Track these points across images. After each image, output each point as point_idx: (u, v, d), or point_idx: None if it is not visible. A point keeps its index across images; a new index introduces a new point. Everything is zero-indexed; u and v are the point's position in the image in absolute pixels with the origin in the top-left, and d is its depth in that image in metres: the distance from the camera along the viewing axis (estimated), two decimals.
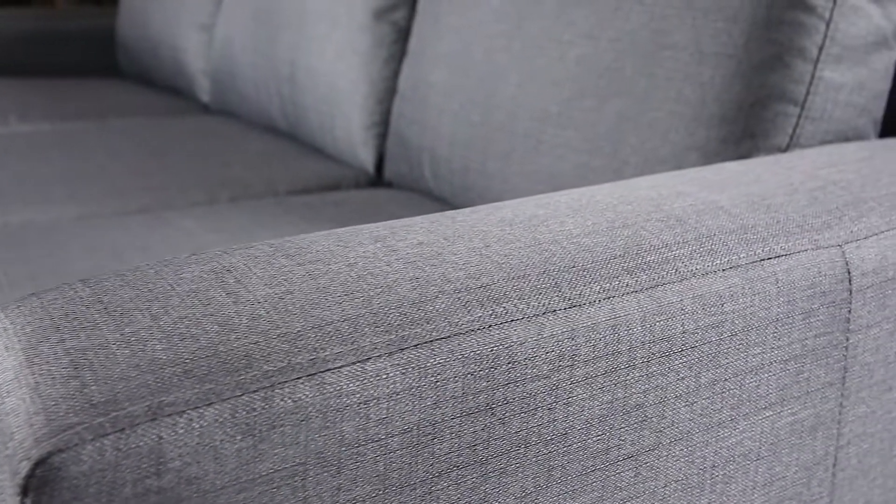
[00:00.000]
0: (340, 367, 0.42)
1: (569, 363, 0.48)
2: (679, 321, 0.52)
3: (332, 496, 0.42)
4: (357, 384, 0.42)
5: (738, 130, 0.81)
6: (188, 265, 0.49)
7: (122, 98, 1.84)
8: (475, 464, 0.46)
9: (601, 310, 0.49)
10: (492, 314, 0.47)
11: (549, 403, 0.48)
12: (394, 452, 0.44)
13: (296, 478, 0.41)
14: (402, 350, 0.44)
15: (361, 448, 0.43)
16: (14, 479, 0.37)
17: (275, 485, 0.41)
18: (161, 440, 0.38)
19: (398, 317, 0.45)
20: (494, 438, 0.47)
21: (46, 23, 2.17)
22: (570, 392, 0.48)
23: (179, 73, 1.82)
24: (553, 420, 0.48)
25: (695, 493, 0.56)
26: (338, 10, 1.33)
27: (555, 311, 0.48)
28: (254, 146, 1.45)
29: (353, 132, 1.32)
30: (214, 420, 0.39)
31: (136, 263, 0.92)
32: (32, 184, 1.21)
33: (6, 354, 0.42)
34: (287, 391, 0.41)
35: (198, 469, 0.39)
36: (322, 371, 0.42)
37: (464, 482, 0.46)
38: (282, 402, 0.41)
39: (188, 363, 0.41)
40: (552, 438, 0.49)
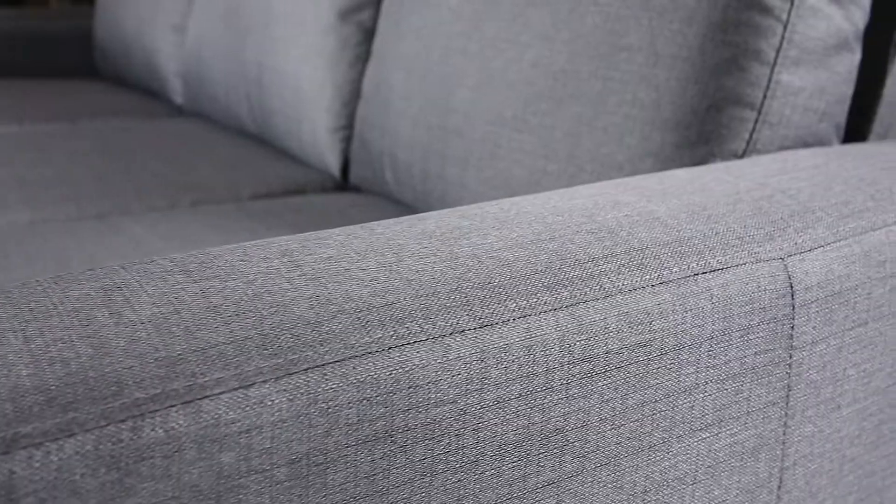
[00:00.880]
0: (220, 394, 0.40)
1: (478, 386, 0.45)
2: (602, 341, 0.49)
3: None
4: (238, 412, 0.40)
5: (693, 135, 0.79)
6: (79, 282, 0.46)
7: (96, 100, 1.81)
8: (374, 494, 0.43)
9: (515, 329, 0.47)
10: (393, 335, 0.44)
11: (457, 429, 0.45)
12: (280, 484, 0.41)
13: None
14: (291, 375, 0.41)
15: (243, 480, 0.40)
16: None
17: None
18: (13, 475, 0.35)
19: (290, 339, 0.42)
20: (396, 467, 0.44)
21: (25, 23, 2.15)
22: (480, 417, 0.46)
23: (153, 75, 1.79)
24: (462, 447, 0.45)
25: None
26: (303, 11, 1.30)
27: (463, 332, 0.45)
28: (221, 150, 1.42)
29: (319, 136, 1.29)
30: (75, 452, 0.37)
31: (78, 271, 0.89)
32: None
33: None
34: (158, 420, 0.38)
35: None
36: (199, 398, 0.39)
37: None
38: (152, 433, 0.38)
39: (53, 390, 0.38)
40: (461, 466, 0.46)
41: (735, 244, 0.56)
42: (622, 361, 0.50)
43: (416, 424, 0.44)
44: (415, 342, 0.44)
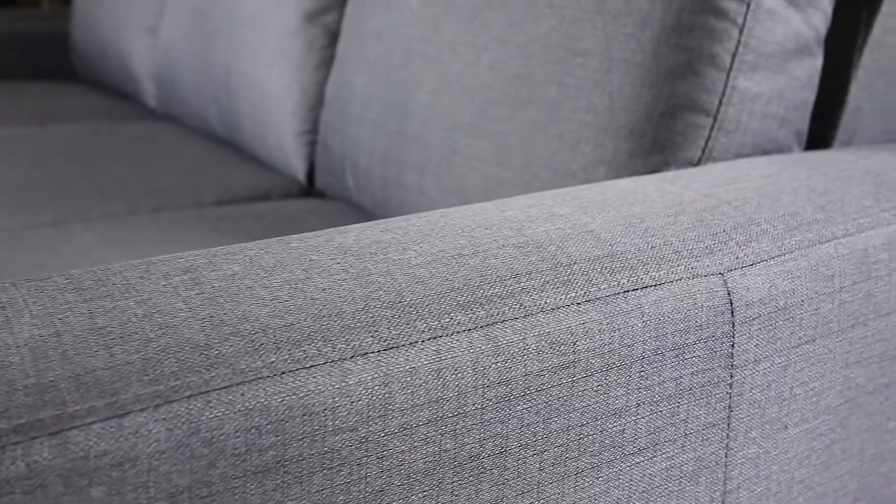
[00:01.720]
0: (91, 424, 0.37)
1: (381, 413, 0.43)
2: (520, 362, 0.47)
3: None
4: (110, 443, 0.37)
5: (647, 143, 0.76)
6: None
7: (69, 102, 1.79)
8: None
9: (423, 352, 0.44)
10: (287, 359, 0.41)
11: (358, 458, 0.43)
12: None
13: None
14: (171, 402, 0.39)
15: None
16: None
17: None
18: None
19: (174, 363, 0.40)
20: (290, 499, 0.41)
21: (2, 24, 2.13)
22: (385, 445, 0.43)
23: (127, 77, 1.77)
24: (364, 476, 0.43)
25: None
26: (269, 13, 1.28)
27: (366, 355, 0.43)
28: (188, 154, 1.40)
29: (285, 140, 1.27)
30: None
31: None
32: None
33: None
34: (20, 453, 0.36)
35: None
36: (67, 429, 0.37)
37: None
38: (12, 467, 0.35)
39: None
40: (365, 497, 0.43)
41: (671, 259, 0.54)
42: (543, 384, 0.47)
43: (313, 453, 0.41)
44: (311, 366, 0.42)
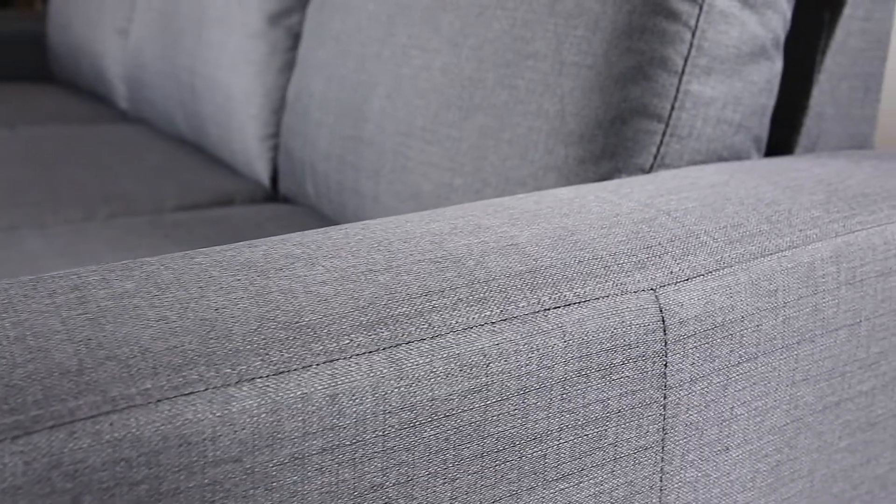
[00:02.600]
0: None
1: (268, 442, 0.40)
2: (427, 387, 0.44)
3: None
4: None
5: (598, 149, 0.73)
6: None
7: (41, 104, 1.76)
8: None
9: (317, 376, 0.42)
10: (165, 385, 0.39)
11: (244, 491, 0.40)
12: None
13: None
14: (30, 434, 0.36)
15: None
16: None
17: None
18: None
19: (39, 391, 0.37)
20: None
21: None
22: (274, 476, 0.41)
23: (100, 79, 1.75)
24: None
25: None
26: (233, 15, 1.25)
27: (252, 380, 0.40)
28: (154, 158, 1.37)
29: (249, 144, 1.24)
30: None
31: None
32: None
33: None
34: None
35: None
36: None
37: None
38: None
39: None
40: None
41: (599, 274, 0.51)
42: (452, 409, 0.45)
43: (191, 486, 0.39)
44: (191, 393, 0.39)
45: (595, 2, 0.74)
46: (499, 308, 0.47)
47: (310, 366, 0.42)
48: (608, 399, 0.50)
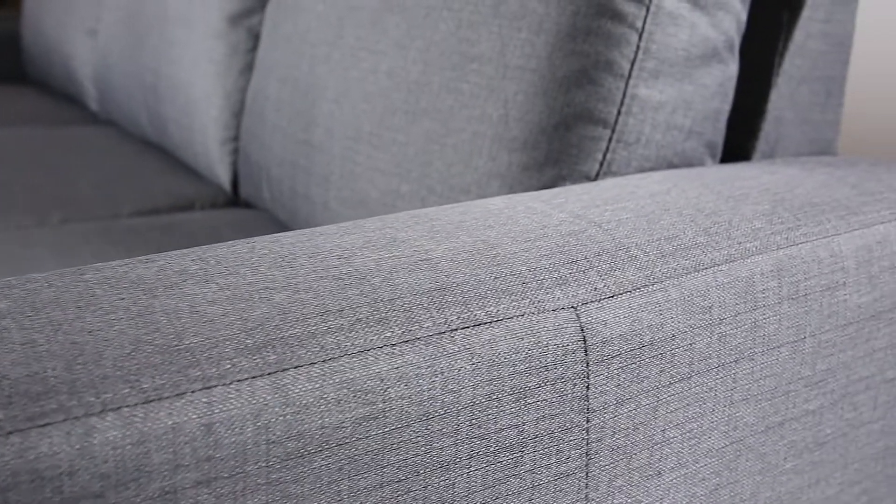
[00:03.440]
0: None
1: (133, 476, 0.37)
2: (316, 414, 0.41)
3: None
4: None
5: (541, 156, 0.71)
6: None
7: (12, 106, 1.74)
8: None
9: (191, 404, 0.39)
10: (18, 416, 0.36)
11: None
12: None
13: None
14: None
15: None
16: None
17: None
18: None
19: None
20: None
21: None
22: None
23: (70, 80, 1.72)
24: None
25: None
26: (194, 15, 1.23)
27: (119, 409, 0.38)
28: (118, 161, 1.34)
29: (210, 147, 1.21)
30: None
31: None
32: None
33: None
34: None
35: None
36: None
37: None
38: None
39: None
40: None
41: (515, 291, 0.48)
42: (345, 437, 0.42)
43: None
44: (46, 424, 0.36)
45: (539, 3, 0.71)
46: (401, 329, 0.45)
47: (184, 393, 0.39)
48: (523, 424, 0.48)
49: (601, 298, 0.50)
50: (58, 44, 1.74)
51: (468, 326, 0.46)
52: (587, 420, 0.50)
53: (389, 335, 0.44)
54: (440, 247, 0.51)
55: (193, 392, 0.39)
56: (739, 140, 0.81)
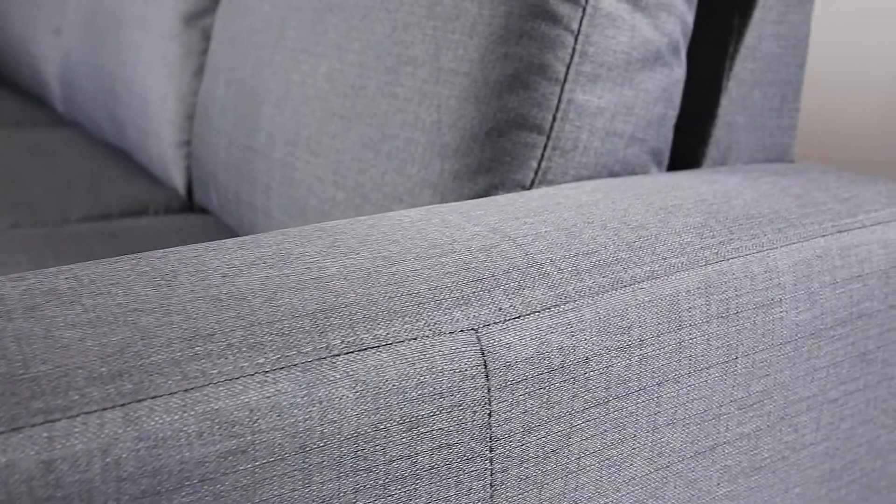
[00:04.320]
0: None
1: None
2: (174, 449, 0.38)
3: None
4: None
5: (474, 163, 0.68)
6: None
7: None
8: None
9: (29, 439, 0.36)
10: None
11: None
12: None
13: None
14: None
15: None
16: None
17: None
18: None
19: None
20: None
21: None
22: None
23: (37, 81, 1.69)
24: None
25: None
26: (149, 15, 1.20)
27: None
28: (76, 164, 1.31)
29: (165, 150, 1.18)
30: None
31: None
32: None
33: None
34: None
35: None
36: None
37: None
38: None
39: None
40: None
41: (410, 312, 0.45)
42: (209, 472, 0.39)
43: None
44: None
45: (472, 4, 0.68)
46: (276, 354, 0.42)
47: (21, 427, 0.36)
48: (417, 454, 0.45)
49: (505, 319, 0.47)
50: (23, 43, 1.71)
51: (352, 351, 0.43)
52: (490, 449, 0.47)
53: (262, 361, 0.41)
54: (335, 264, 0.48)
55: (33, 426, 0.36)
56: (690, 146, 0.78)
